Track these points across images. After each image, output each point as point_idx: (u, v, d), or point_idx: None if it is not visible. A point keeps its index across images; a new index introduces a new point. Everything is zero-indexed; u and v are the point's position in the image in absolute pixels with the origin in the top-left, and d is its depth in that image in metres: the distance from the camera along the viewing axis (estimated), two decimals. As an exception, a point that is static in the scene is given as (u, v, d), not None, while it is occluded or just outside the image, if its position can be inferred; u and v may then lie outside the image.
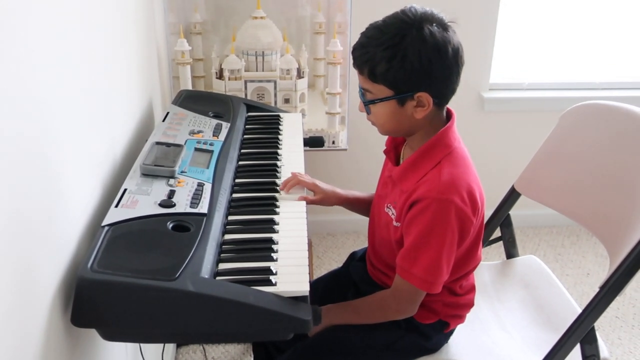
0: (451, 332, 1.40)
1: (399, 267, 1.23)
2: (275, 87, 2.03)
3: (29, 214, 0.85)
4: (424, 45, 1.13)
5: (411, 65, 1.14)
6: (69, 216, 1.01)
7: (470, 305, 1.39)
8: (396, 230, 1.27)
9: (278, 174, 1.39)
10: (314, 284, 1.41)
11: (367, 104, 1.23)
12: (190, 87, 1.99)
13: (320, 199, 1.40)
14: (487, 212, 1.34)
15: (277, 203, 1.28)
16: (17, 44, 0.81)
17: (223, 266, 1.06)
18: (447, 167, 1.20)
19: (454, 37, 1.17)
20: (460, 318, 1.39)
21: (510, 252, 1.71)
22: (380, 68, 1.16)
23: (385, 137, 1.37)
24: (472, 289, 1.39)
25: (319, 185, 1.40)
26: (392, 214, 1.28)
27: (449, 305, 1.34)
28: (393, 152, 1.35)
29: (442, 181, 1.18)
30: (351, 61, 1.23)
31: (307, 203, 1.33)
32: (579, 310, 1.32)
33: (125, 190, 1.16)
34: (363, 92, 1.23)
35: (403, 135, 1.30)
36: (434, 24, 1.15)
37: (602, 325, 2.22)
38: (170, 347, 1.98)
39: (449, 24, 1.18)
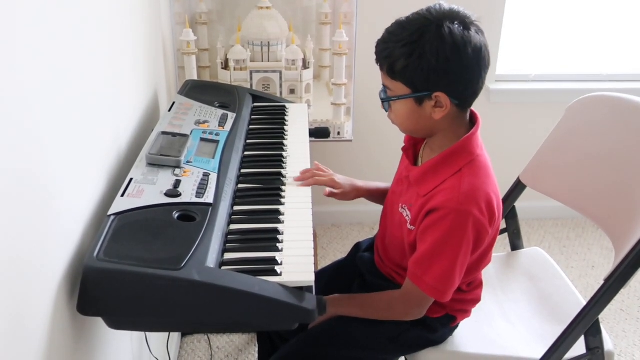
0: (456, 326, 1.40)
1: (410, 272, 1.22)
2: (280, 78, 2.03)
3: (36, 203, 0.85)
4: (442, 43, 1.11)
5: (428, 63, 1.11)
6: (75, 205, 1.02)
7: (477, 300, 1.39)
8: (410, 233, 1.25)
9: (284, 165, 1.39)
10: (318, 275, 1.40)
11: (384, 101, 1.21)
12: (195, 77, 1.99)
13: (341, 195, 1.41)
14: (502, 218, 1.33)
15: (283, 194, 1.28)
16: (22, 35, 0.81)
17: (228, 256, 1.06)
18: (468, 176, 1.18)
19: (477, 37, 1.13)
20: (467, 312, 1.39)
21: (515, 244, 1.71)
22: (398, 65, 1.14)
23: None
24: (479, 284, 1.39)
25: (337, 181, 1.39)
26: (407, 215, 1.27)
27: (457, 301, 1.33)
28: (411, 150, 1.33)
29: (462, 191, 1.16)
30: (357, 52, 1.22)
31: (327, 196, 1.34)
32: (584, 303, 1.32)
33: (131, 179, 1.16)
34: (384, 88, 1.21)
35: (423, 136, 1.28)
36: (456, 22, 1.12)
37: (607, 318, 2.22)
38: (175, 337, 1.99)
39: (475, 22, 1.15)
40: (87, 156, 1.08)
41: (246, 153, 1.43)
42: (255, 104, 1.69)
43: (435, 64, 1.12)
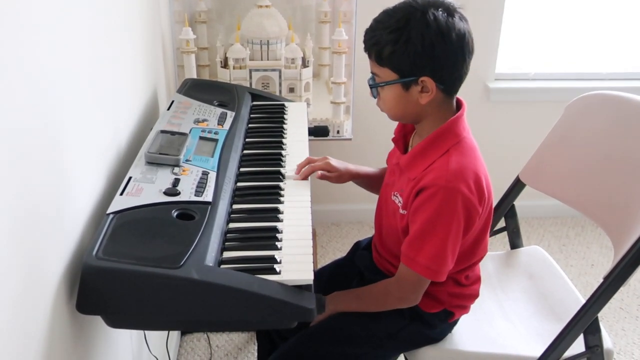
0: (455, 322, 1.40)
1: (403, 255, 1.23)
2: (280, 76, 2.03)
3: (35, 202, 0.85)
4: (427, 29, 1.14)
5: (414, 48, 1.15)
6: (74, 204, 1.02)
7: (475, 296, 1.40)
8: (402, 217, 1.27)
9: (283, 163, 1.39)
10: (318, 273, 1.41)
11: (373, 87, 1.25)
12: (194, 76, 1.99)
13: (336, 178, 1.44)
14: (493, 203, 1.34)
15: (282, 192, 1.28)
16: (22, 33, 0.81)
17: (227, 254, 1.06)
18: (455, 155, 1.21)
19: (460, 23, 1.17)
20: (465, 309, 1.39)
21: (515, 243, 1.71)
22: (385, 51, 1.18)
23: (393, 126, 1.37)
24: (477, 280, 1.39)
25: (332, 164, 1.42)
26: (399, 201, 1.28)
27: (454, 296, 1.34)
28: (402, 140, 1.36)
29: (450, 169, 1.18)
30: (356, 50, 1.24)
31: (322, 179, 1.38)
32: (583, 301, 1.32)
33: (130, 178, 1.16)
34: (373, 75, 1.24)
35: (411, 122, 1.31)
36: (440, 9, 1.16)
37: (606, 316, 2.22)
38: (175, 336, 1.99)
39: (458, 10, 1.18)
40: (86, 155, 1.08)
41: (245, 152, 1.43)
42: (255, 103, 1.69)
43: (420, 49, 1.15)
